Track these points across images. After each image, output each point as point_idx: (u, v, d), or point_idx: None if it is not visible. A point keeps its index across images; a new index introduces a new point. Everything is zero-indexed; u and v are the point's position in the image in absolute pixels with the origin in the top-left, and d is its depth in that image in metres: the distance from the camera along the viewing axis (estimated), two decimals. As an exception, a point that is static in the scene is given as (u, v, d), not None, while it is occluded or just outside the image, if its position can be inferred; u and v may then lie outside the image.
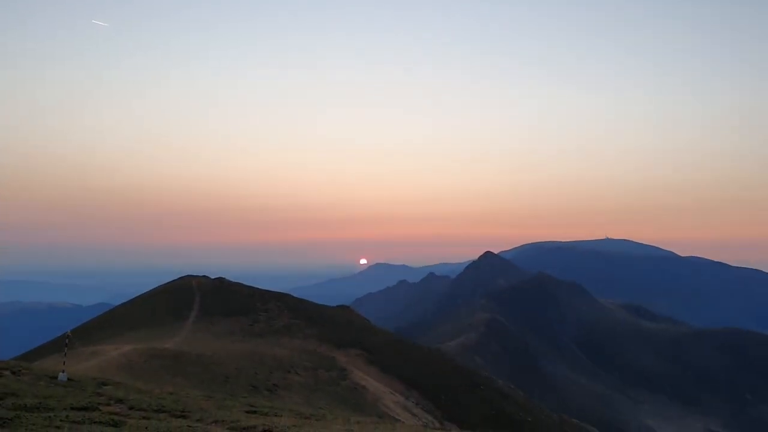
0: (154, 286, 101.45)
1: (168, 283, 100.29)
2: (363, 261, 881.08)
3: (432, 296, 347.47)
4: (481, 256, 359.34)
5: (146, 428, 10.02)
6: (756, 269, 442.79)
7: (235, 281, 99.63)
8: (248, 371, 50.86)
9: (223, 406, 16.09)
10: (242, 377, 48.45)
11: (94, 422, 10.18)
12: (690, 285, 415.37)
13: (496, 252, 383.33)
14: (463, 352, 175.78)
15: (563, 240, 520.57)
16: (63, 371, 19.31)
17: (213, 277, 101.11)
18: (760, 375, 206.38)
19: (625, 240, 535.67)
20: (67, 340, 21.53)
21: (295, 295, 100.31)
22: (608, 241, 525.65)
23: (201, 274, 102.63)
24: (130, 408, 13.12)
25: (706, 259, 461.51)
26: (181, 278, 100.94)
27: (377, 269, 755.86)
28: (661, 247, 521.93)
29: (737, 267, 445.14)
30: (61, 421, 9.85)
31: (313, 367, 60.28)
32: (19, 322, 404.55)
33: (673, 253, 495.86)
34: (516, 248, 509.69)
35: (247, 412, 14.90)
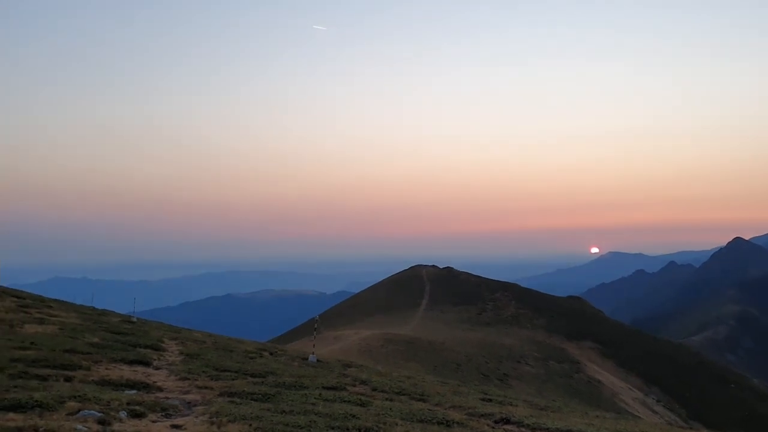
0: (387, 275, 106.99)
1: (400, 272, 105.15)
2: (594, 250, 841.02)
3: (673, 287, 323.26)
4: (729, 242, 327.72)
5: (391, 409, 10.53)
6: None
7: (463, 270, 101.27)
8: (478, 359, 51.46)
9: (458, 393, 16.38)
10: (473, 365, 49.15)
11: (344, 401, 10.95)
12: None
13: (746, 238, 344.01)
14: (710, 347, 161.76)
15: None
16: (313, 353, 21.11)
17: (441, 267, 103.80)
18: None
19: None
20: (316, 325, 23.50)
21: (521, 285, 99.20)
22: None
23: (430, 264, 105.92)
24: (374, 389, 13.92)
25: None
26: (411, 268, 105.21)
27: (610, 258, 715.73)
28: None
29: None
30: (315, 398, 10.76)
31: (544, 358, 59.13)
32: (271, 308, 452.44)
33: None
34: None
35: (482, 399, 14.99)
